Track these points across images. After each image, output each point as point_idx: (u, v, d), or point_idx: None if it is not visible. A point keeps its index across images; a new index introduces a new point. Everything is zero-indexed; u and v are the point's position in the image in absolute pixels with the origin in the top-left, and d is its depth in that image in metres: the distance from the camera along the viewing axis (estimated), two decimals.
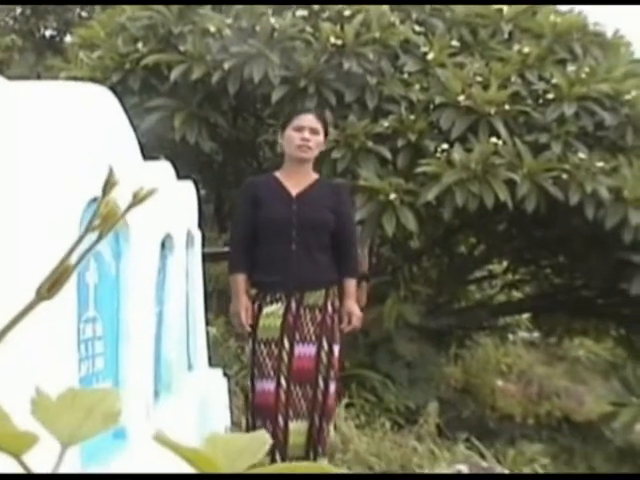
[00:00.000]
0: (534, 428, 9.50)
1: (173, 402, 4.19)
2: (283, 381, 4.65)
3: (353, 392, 7.69)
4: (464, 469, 6.13)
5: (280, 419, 4.62)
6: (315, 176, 4.95)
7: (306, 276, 4.69)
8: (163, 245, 4.20)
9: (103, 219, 0.66)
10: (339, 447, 6.29)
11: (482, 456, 6.89)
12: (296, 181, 4.82)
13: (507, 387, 11.24)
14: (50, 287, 0.64)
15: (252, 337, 4.74)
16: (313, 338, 4.69)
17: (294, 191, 4.79)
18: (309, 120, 4.84)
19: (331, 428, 4.86)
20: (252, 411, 4.79)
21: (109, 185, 0.65)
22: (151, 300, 3.81)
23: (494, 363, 11.71)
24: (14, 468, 0.57)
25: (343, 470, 5.41)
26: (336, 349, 4.76)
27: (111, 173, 0.66)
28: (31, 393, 0.63)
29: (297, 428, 4.66)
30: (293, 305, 4.69)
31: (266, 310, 4.70)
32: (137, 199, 0.66)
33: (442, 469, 6.21)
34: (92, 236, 0.70)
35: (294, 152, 4.82)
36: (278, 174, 4.90)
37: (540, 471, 6.95)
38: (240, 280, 4.77)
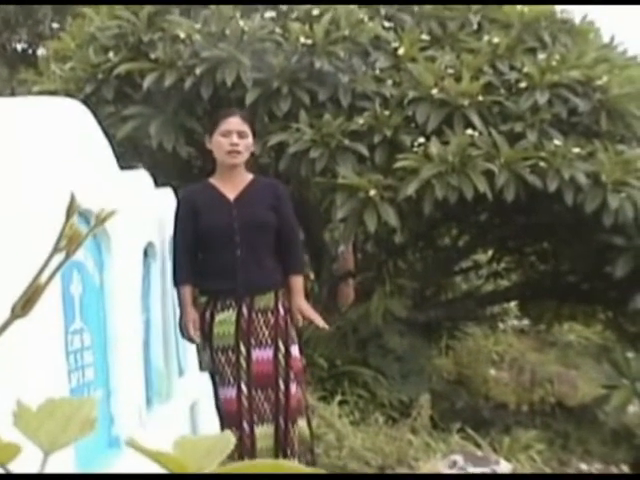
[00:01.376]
0: (528, 415, 9.53)
1: (165, 409, 4.21)
2: (244, 387, 4.62)
3: (346, 389, 7.71)
4: (459, 459, 6.16)
5: (245, 425, 4.60)
6: (250, 176, 4.87)
7: (254, 280, 4.66)
8: (146, 253, 4.22)
9: (69, 240, 0.68)
10: (334, 444, 6.31)
11: (477, 445, 6.92)
12: (232, 185, 4.77)
13: (500, 376, 11.26)
14: (24, 305, 0.67)
15: (209, 346, 4.73)
16: (269, 341, 4.66)
17: (231, 195, 4.74)
18: (235, 123, 4.75)
19: (303, 426, 4.83)
20: (220, 418, 4.77)
21: (71, 209, 0.67)
22: (137, 308, 3.84)
23: (485, 352, 11.73)
24: None
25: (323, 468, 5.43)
26: (293, 350, 4.74)
27: (73, 199, 0.68)
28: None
29: (263, 433, 4.63)
30: (244, 310, 4.65)
31: (218, 318, 4.66)
32: (99, 220, 0.68)
33: (438, 460, 6.24)
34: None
35: (225, 158, 4.75)
36: (213, 180, 4.84)
37: (536, 457, 6.99)
38: (186, 292, 4.71)
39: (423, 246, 10.20)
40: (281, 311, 4.71)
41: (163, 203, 4.82)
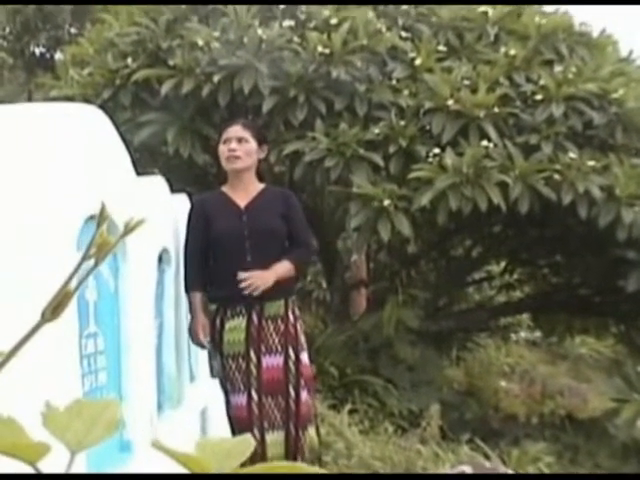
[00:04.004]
0: (538, 427, 9.51)
1: (176, 414, 4.23)
2: (254, 394, 4.61)
3: (356, 398, 7.72)
4: (468, 470, 6.16)
5: (256, 432, 4.58)
6: (261, 185, 4.88)
7: (265, 288, 4.63)
8: (160, 259, 4.25)
9: (98, 248, 0.71)
10: (343, 453, 6.31)
11: (486, 457, 6.91)
12: (243, 193, 4.80)
13: (510, 387, 11.24)
14: (54, 309, 0.71)
15: (219, 353, 4.73)
16: (279, 348, 4.66)
17: (242, 203, 4.76)
18: (235, 131, 4.79)
19: (312, 433, 4.84)
20: (230, 425, 4.78)
21: (102, 218, 0.72)
22: (151, 313, 3.85)
23: (496, 364, 11.72)
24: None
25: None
26: (303, 357, 4.74)
27: (103, 207, 0.71)
28: (35, 409, 0.69)
29: (274, 439, 4.63)
30: (255, 317, 4.65)
31: (228, 325, 4.66)
32: (128, 229, 0.72)
33: (446, 470, 6.24)
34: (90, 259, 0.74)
35: (226, 165, 4.80)
36: (225, 189, 4.87)
37: (545, 470, 6.98)
38: (196, 298, 4.72)
39: (436, 256, 10.22)
40: (291, 318, 4.71)
41: (178, 209, 4.84)
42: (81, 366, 2.90)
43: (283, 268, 4.71)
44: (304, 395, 4.70)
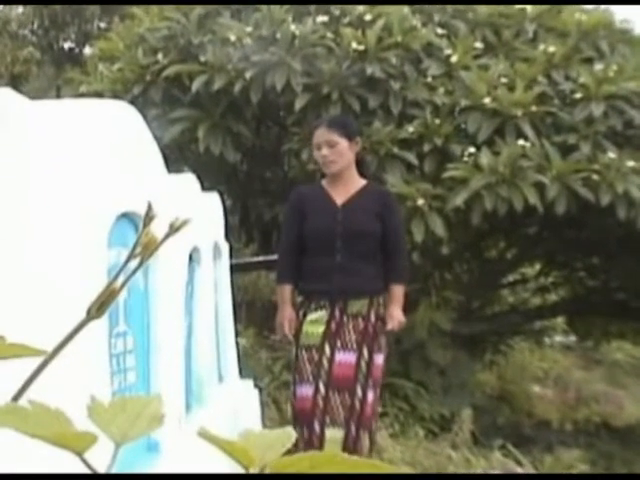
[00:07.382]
0: (572, 434, 9.39)
1: (205, 414, 4.17)
2: (322, 387, 4.66)
3: (386, 401, 7.62)
4: None
5: (316, 425, 4.64)
6: (362, 182, 4.92)
7: (350, 285, 4.69)
8: (191, 258, 4.19)
9: (144, 247, 0.75)
10: (373, 457, 6.22)
11: (519, 463, 6.81)
12: (342, 190, 4.83)
13: (544, 392, 11.15)
14: (99, 307, 0.73)
15: (295, 343, 4.80)
16: (354, 346, 4.69)
17: (339, 200, 4.80)
18: (321, 135, 4.82)
19: (367, 438, 4.81)
20: (293, 417, 4.83)
21: (148, 218, 0.74)
22: (180, 313, 3.80)
23: (530, 368, 11.63)
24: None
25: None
26: (378, 358, 4.76)
27: (150, 207, 0.74)
28: (67, 407, 0.71)
29: (333, 436, 4.65)
30: (337, 313, 4.70)
31: (310, 317, 4.73)
32: (173, 229, 0.74)
33: None
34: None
35: (323, 169, 4.89)
36: (324, 183, 4.92)
37: None
38: (285, 290, 4.84)
39: (470, 258, 10.09)
40: (372, 318, 4.74)
41: (209, 207, 4.80)
42: (110, 365, 2.85)
43: (400, 295, 4.86)
44: (371, 396, 4.71)
